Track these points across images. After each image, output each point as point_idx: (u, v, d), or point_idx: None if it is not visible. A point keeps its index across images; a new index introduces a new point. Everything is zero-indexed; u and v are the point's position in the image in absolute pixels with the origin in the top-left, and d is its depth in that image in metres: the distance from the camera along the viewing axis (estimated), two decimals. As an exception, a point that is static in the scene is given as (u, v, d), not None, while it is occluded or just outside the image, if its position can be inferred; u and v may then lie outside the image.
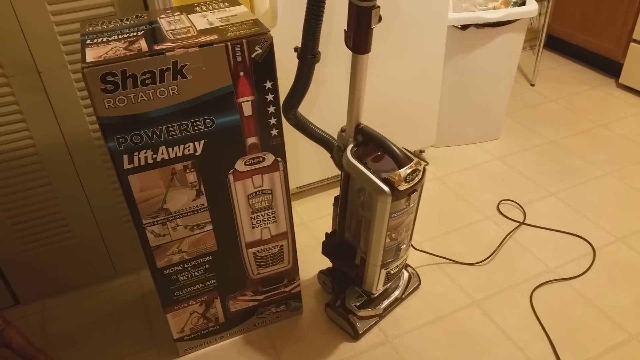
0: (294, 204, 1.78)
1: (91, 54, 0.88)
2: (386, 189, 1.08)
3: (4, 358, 1.13)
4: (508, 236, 1.64)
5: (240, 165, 1.06)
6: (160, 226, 1.07)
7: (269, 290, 1.31)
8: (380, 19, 1.02)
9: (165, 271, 1.14)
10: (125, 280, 1.56)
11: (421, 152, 2.05)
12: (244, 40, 0.92)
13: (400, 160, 1.11)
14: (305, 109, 1.59)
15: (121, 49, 0.90)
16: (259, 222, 1.17)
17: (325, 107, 1.64)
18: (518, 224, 1.70)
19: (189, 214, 1.08)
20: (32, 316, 1.46)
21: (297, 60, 1.07)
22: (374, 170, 1.11)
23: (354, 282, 1.36)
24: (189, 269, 1.17)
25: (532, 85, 2.55)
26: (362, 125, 1.17)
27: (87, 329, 1.42)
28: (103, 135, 0.93)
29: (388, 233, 1.16)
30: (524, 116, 2.31)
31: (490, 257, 1.57)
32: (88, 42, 0.94)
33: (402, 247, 1.25)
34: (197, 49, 0.90)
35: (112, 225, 1.48)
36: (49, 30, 1.16)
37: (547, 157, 2.02)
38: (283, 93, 1.07)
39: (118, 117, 0.91)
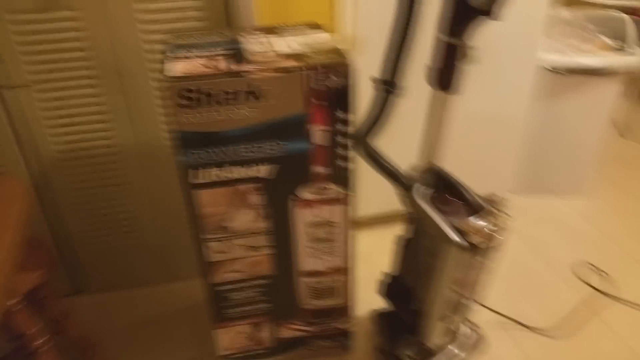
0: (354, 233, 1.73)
1: (172, 68, 0.90)
2: (456, 239, 1.01)
3: (60, 346, 1.16)
4: (586, 305, 1.50)
5: (303, 193, 1.04)
6: (219, 243, 1.07)
7: (320, 322, 1.27)
8: (472, 59, 0.97)
9: (218, 287, 1.14)
10: (182, 286, 1.58)
11: (501, 200, 1.94)
12: (321, 68, 0.91)
13: (476, 208, 1.04)
14: (379, 139, 1.55)
15: (202, 65, 0.91)
16: (315, 252, 1.14)
17: (401, 140, 1.59)
18: (599, 292, 1.54)
19: (248, 235, 1.07)
20: (88, 307, 1.50)
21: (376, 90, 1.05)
22: (444, 216, 1.05)
23: (409, 330, 1.29)
24: (243, 289, 1.16)
25: (623, 136, 2.36)
26: (435, 166, 1.12)
27: (139, 327, 1.44)
28: (175, 147, 0.94)
29: (451, 286, 1.09)
30: (613, 171, 2.13)
31: (564, 328, 1.43)
32: (170, 55, 0.96)
33: (465, 303, 1.16)
34: (274, 74, 0.89)
35: (177, 231, 1.50)
36: (135, 38, 1.22)
37: (637, 221, 1.84)
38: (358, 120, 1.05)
39: (191, 132, 0.92)
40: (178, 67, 0.91)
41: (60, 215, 1.40)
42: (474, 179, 1.86)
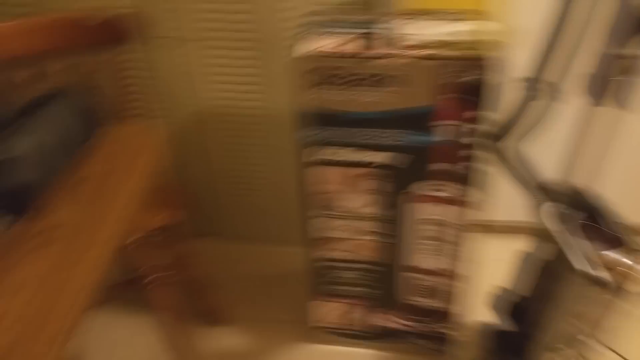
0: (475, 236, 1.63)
1: (307, 45, 0.90)
2: (582, 268, 0.89)
3: (176, 283, 1.29)
4: None
5: (419, 188, 1.00)
6: (326, 220, 1.08)
7: (418, 320, 1.23)
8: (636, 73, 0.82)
9: (320, 262, 1.16)
10: (294, 251, 1.64)
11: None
12: (457, 61, 0.84)
13: (618, 241, 0.91)
14: (526, 143, 1.41)
15: (337, 45, 0.90)
16: (424, 250, 1.09)
17: (551, 150, 1.44)
18: None
19: (356, 218, 1.07)
20: (208, 252, 1.63)
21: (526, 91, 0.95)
22: (575, 241, 0.93)
23: (515, 352, 1.19)
24: (344, 269, 1.16)
25: None
26: (580, 184, 0.99)
27: (246, 280, 1.53)
28: (297, 122, 0.95)
29: (569, 318, 0.97)
30: None
31: None
32: (308, 31, 0.97)
33: (582, 339, 1.03)
34: (409, 61, 0.85)
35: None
36: (293, 11, 1.24)
37: None
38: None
39: (314, 109, 0.93)
40: (314, 44, 0.91)
41: (208, 162, 1.53)
42: (631, 209, 1.61)
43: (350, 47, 0.89)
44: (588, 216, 0.97)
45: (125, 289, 1.06)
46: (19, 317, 0.53)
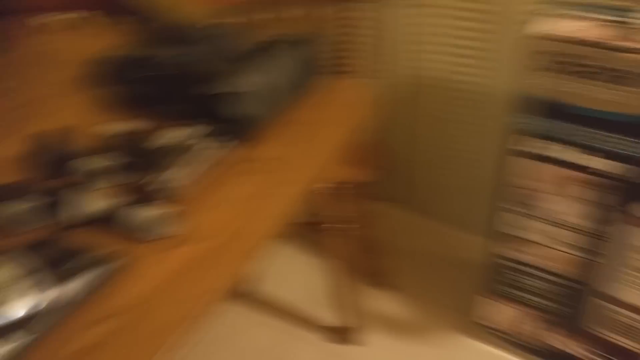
0: None
1: (544, 24, 0.81)
2: None
3: (352, 238, 1.34)
4: None
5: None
6: (520, 218, 0.99)
7: (599, 355, 1.08)
8: None
9: (502, 261, 1.08)
10: (474, 240, 1.56)
11: None
12: None
13: None
14: None
15: (579, 29, 0.79)
16: (627, 280, 0.93)
17: None
18: None
19: (557, 225, 0.96)
20: (387, 217, 1.66)
21: None
22: None
23: None
24: (527, 274, 1.07)
25: None
26: None
27: (418, 256, 1.52)
28: (515, 106, 0.88)
29: None
30: None
31: None
32: (548, 9, 0.86)
33: None
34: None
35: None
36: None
37: None
38: None
39: (540, 97, 0.84)
40: (553, 24, 0.81)
41: (410, 130, 1.53)
42: None
43: (595, 34, 0.77)
44: None
45: (308, 229, 1.14)
46: (216, 227, 0.61)
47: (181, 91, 0.72)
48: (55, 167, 0.66)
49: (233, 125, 0.69)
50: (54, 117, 0.82)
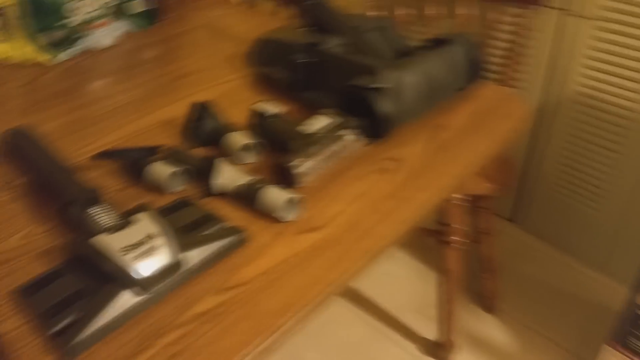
0: None
1: None
2: None
3: (468, 253, 1.27)
4: None
5: None
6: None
7: None
8: None
9: None
10: (605, 281, 1.41)
11: None
12: None
13: None
14: None
15: None
16: None
17: None
18: None
19: None
20: (508, 237, 1.55)
21: None
22: None
23: None
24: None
25: None
26: None
27: (537, 285, 1.41)
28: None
29: None
30: None
31: None
32: None
33: None
34: None
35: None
36: None
37: None
38: None
39: None
40: None
41: (543, 148, 1.41)
42: None
43: None
44: None
45: (425, 235, 1.10)
46: (342, 221, 0.60)
47: (337, 81, 0.71)
48: (207, 136, 0.69)
49: (379, 121, 0.67)
50: (212, 90, 0.86)
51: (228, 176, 0.62)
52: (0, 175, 0.67)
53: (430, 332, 1.31)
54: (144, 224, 0.51)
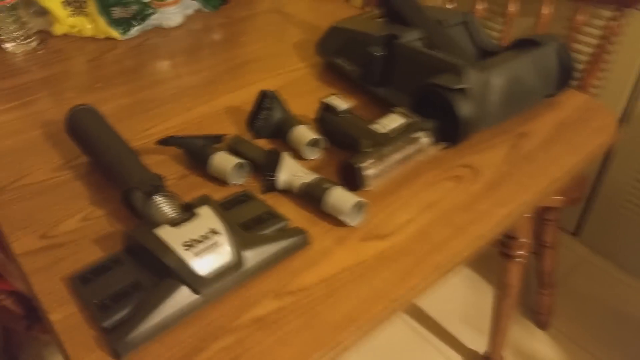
0: None
1: None
2: None
3: (530, 265, 1.20)
4: None
5: None
6: None
7: None
8: None
9: None
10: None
11: None
12: None
13: None
14: None
15: None
16: None
17: None
18: None
19: None
20: (570, 251, 1.46)
21: None
22: None
23: None
24: None
25: None
26: None
27: (597, 305, 1.32)
28: None
29: None
30: None
31: None
32: None
33: None
34: None
35: None
36: None
37: None
38: None
39: None
40: None
41: (618, 163, 1.32)
42: None
43: None
44: None
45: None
46: (418, 231, 0.55)
47: (416, 78, 0.65)
48: (273, 127, 0.66)
49: (459, 125, 0.61)
50: (278, 78, 0.83)
51: (293, 172, 0.58)
52: (62, 152, 0.67)
53: (477, 344, 1.25)
54: (208, 218, 0.48)
